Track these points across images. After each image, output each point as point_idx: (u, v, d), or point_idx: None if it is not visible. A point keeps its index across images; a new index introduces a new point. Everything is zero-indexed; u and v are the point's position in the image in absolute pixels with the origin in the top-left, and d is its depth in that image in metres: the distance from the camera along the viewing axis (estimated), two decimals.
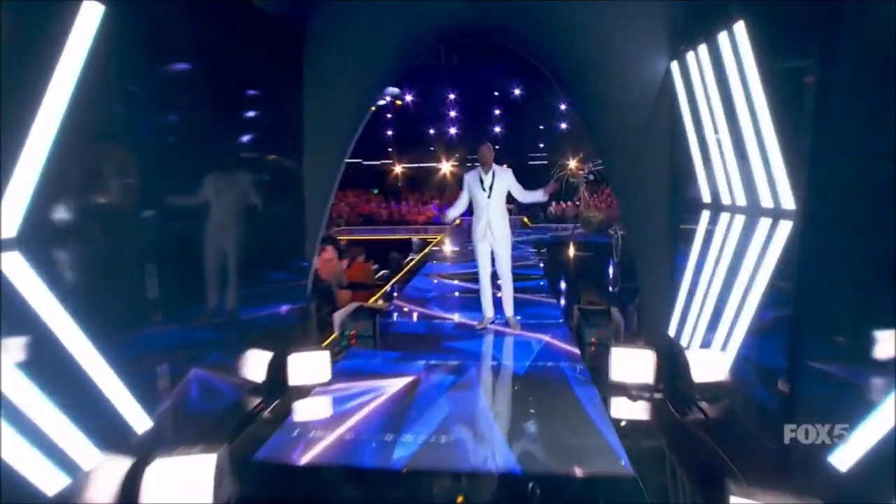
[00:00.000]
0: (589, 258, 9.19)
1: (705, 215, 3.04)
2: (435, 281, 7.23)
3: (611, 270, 8.08)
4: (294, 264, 4.07)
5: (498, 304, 4.67)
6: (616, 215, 9.00)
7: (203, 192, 2.79)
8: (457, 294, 6.36)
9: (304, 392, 3.28)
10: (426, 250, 11.08)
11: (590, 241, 10.07)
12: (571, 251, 10.03)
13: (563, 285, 7.10)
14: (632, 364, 3.17)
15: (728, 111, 2.69)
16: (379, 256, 9.58)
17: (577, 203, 13.42)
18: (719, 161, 2.83)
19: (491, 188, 4.31)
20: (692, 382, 2.90)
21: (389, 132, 23.38)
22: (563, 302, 5.75)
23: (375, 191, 22.91)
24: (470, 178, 4.44)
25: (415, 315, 5.23)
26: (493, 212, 4.33)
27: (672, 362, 3.11)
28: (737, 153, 2.65)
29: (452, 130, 23.48)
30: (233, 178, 3.10)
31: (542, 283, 6.72)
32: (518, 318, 4.62)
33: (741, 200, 2.64)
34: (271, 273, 3.73)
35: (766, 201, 2.35)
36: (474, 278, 7.23)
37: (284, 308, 3.86)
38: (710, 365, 2.88)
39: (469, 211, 4.57)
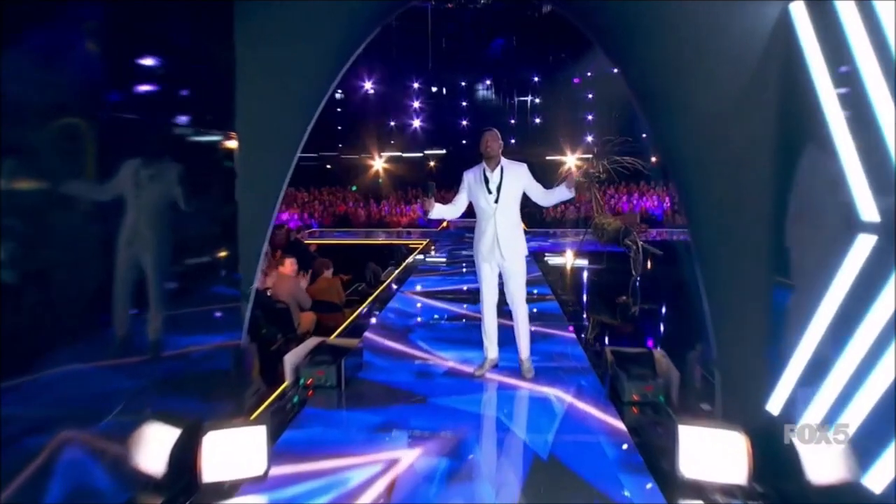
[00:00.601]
0: (602, 272, 8.39)
1: (864, 242, 2.03)
2: (418, 304, 6.31)
3: (630, 287, 7.32)
4: (226, 284, 3.13)
5: (504, 338, 3.79)
6: (634, 223, 8.20)
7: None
8: (446, 321, 5.45)
9: (223, 493, 2.34)
10: (409, 259, 10.16)
11: (601, 251, 9.28)
12: (579, 263, 9.22)
13: (573, 304, 6.24)
14: (711, 452, 2.30)
15: None
16: (354, 267, 8.75)
17: (578, 206, 12.58)
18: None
19: (499, 190, 3.45)
20: (809, 485, 2.05)
21: (370, 122, 22.42)
22: (582, 333, 4.88)
23: (353, 188, 21.97)
24: (471, 177, 3.57)
25: (393, 353, 4.31)
26: (503, 222, 3.48)
27: (774, 452, 2.24)
28: None
29: (415, 123, 22.58)
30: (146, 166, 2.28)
31: (553, 307, 5.87)
32: (533, 358, 3.76)
33: None
34: (191, 294, 2.79)
35: None
36: (468, 298, 6.45)
37: (207, 347, 2.92)
38: (836, 460, 2.03)
39: (465, 214, 3.73)
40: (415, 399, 3.35)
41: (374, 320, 5.51)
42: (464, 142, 22.57)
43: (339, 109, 22.31)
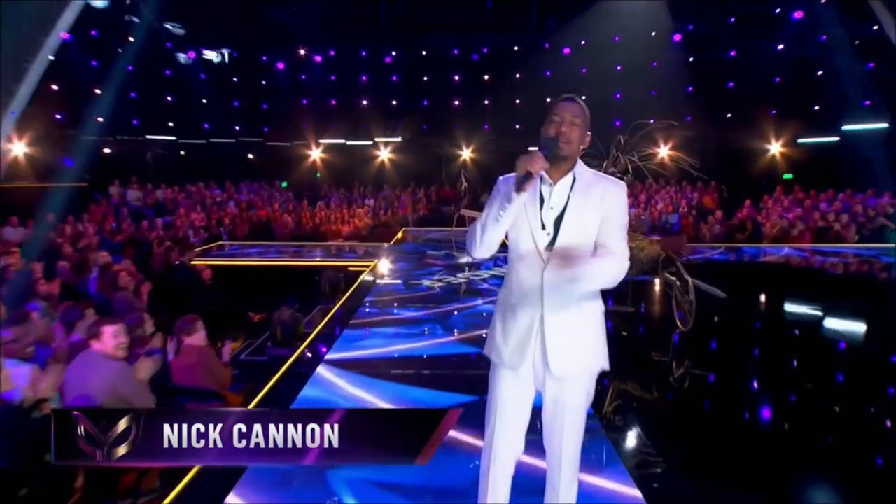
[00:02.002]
0: (629, 318, 6.72)
1: None
2: (356, 391, 4.40)
3: (673, 343, 5.69)
4: None
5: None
6: (681, 247, 6.53)
7: None
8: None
9: None
10: (349, 293, 8.22)
11: (624, 285, 7.63)
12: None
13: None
14: None
15: None
16: (265, 302, 7.43)
17: None
18: None
19: (559, 222, 2.14)
20: None
21: (304, 101, 20.28)
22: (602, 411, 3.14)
23: (284, 183, 19.85)
24: (503, 189, 2.17)
25: None
26: (555, 284, 2.11)
27: None
28: None
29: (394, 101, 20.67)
30: None
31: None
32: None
33: None
34: None
35: None
36: (443, 383, 4.69)
37: None
38: None
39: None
40: None
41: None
42: (424, 126, 20.75)
43: (263, 82, 20.07)
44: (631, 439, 3.73)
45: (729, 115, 18.24)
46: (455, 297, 7.75)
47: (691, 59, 17.79)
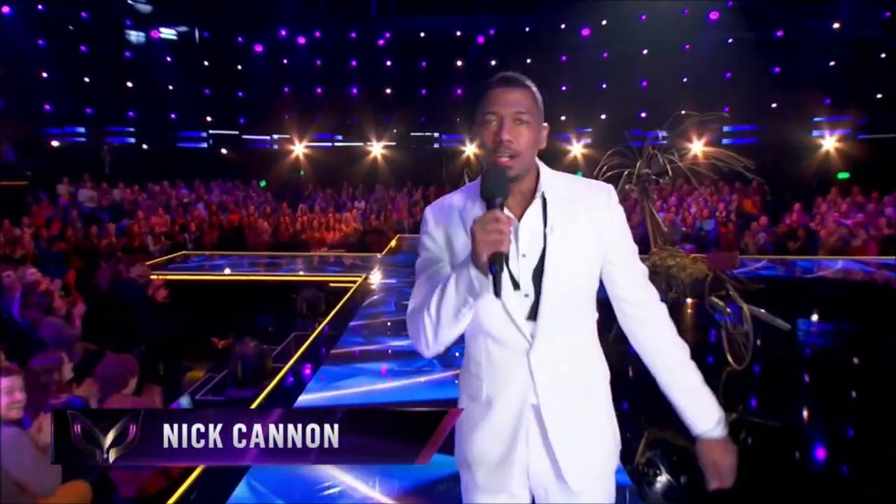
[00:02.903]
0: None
1: None
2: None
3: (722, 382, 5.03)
4: None
5: None
6: (732, 265, 5.86)
7: None
8: None
9: None
10: (330, 315, 7.57)
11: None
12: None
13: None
14: None
15: None
16: (230, 326, 7.08)
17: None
18: None
19: (539, 275, 1.64)
20: None
21: (286, 89, 19.74)
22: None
23: (263, 183, 19.36)
24: (449, 230, 1.72)
25: None
26: (548, 362, 1.65)
27: None
28: None
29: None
30: None
31: None
32: None
33: None
34: None
35: None
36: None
37: None
38: None
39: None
40: None
41: None
42: (422, 119, 20.22)
43: (238, 66, 19.50)
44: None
45: (774, 105, 17.63)
46: None
47: (730, 41, 17.19)
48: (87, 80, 17.30)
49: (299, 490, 3.47)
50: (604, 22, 17.80)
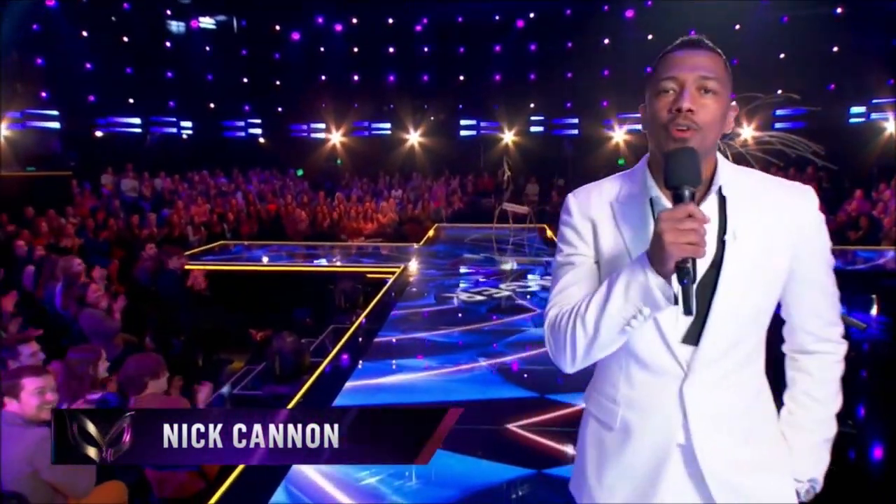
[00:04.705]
0: None
1: None
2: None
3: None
4: None
5: None
6: None
7: None
8: None
9: None
10: (369, 308, 7.43)
11: None
12: None
13: None
14: None
15: None
16: (268, 318, 7.00)
17: None
18: None
19: (711, 294, 1.35)
20: None
21: (323, 77, 19.69)
22: None
23: (300, 172, 19.43)
24: (598, 225, 1.45)
25: None
26: (704, 396, 1.39)
27: None
28: None
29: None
30: None
31: None
32: None
33: None
34: None
35: None
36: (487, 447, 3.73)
37: None
38: None
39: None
40: None
41: None
42: (460, 106, 19.89)
43: (276, 55, 19.50)
44: None
45: (832, 87, 16.76)
46: (497, 313, 6.92)
47: (785, 20, 16.37)
48: (129, 70, 17.55)
49: (337, 495, 3.33)
50: (648, 3, 17.17)
